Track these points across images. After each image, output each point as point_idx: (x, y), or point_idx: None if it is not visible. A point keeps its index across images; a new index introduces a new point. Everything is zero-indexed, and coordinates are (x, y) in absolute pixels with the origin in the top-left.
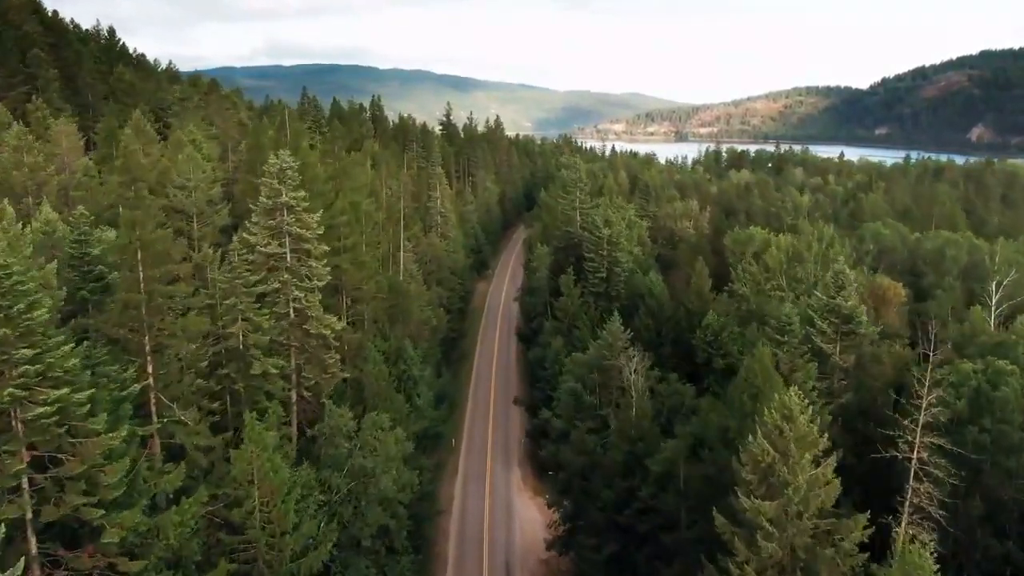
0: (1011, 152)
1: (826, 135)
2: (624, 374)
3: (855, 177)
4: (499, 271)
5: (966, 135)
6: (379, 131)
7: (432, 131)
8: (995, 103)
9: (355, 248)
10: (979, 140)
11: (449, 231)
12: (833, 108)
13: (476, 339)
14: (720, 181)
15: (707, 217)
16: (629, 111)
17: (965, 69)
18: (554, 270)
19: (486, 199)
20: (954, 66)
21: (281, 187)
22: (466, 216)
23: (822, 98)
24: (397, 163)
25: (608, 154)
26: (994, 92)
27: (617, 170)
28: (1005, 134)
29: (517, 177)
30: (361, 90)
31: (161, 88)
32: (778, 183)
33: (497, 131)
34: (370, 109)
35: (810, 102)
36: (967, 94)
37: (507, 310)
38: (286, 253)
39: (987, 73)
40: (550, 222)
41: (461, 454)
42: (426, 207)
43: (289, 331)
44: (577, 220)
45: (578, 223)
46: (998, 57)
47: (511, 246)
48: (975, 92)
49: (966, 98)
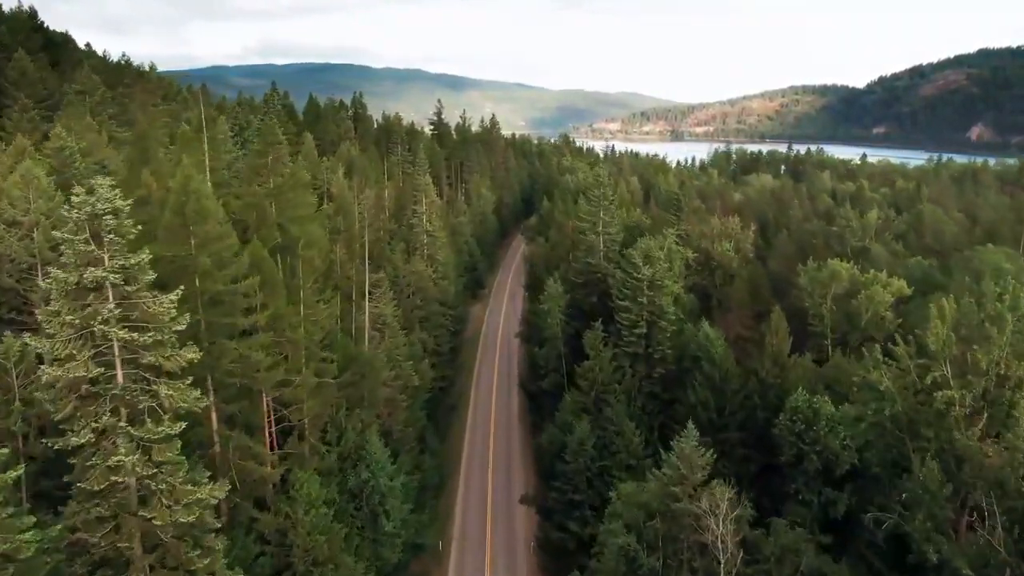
0: (1011, 152)
1: (823, 134)
2: (706, 524)
3: (893, 183)
4: (496, 291)
5: (965, 134)
6: (361, 132)
7: (422, 131)
8: (994, 102)
9: (278, 321)
10: (979, 139)
11: (437, 252)
12: (830, 107)
13: (470, 386)
14: (741, 187)
15: (750, 238)
16: (624, 110)
17: (963, 68)
18: (571, 313)
19: (481, 207)
20: (952, 65)
21: (96, 248)
22: (458, 229)
23: (818, 97)
24: (377, 171)
25: (608, 154)
26: (993, 91)
27: (627, 175)
28: (1005, 133)
29: (515, 181)
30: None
31: (74, 80)
32: (807, 189)
33: (493, 131)
34: (352, 107)
35: (806, 101)
36: (966, 93)
37: (507, 344)
38: (115, 374)
39: (986, 72)
40: (558, 241)
41: (450, 566)
42: (410, 224)
43: (123, 524)
44: (600, 248)
45: (601, 252)
46: (996, 56)
47: (509, 259)
48: (974, 91)
49: (965, 97)
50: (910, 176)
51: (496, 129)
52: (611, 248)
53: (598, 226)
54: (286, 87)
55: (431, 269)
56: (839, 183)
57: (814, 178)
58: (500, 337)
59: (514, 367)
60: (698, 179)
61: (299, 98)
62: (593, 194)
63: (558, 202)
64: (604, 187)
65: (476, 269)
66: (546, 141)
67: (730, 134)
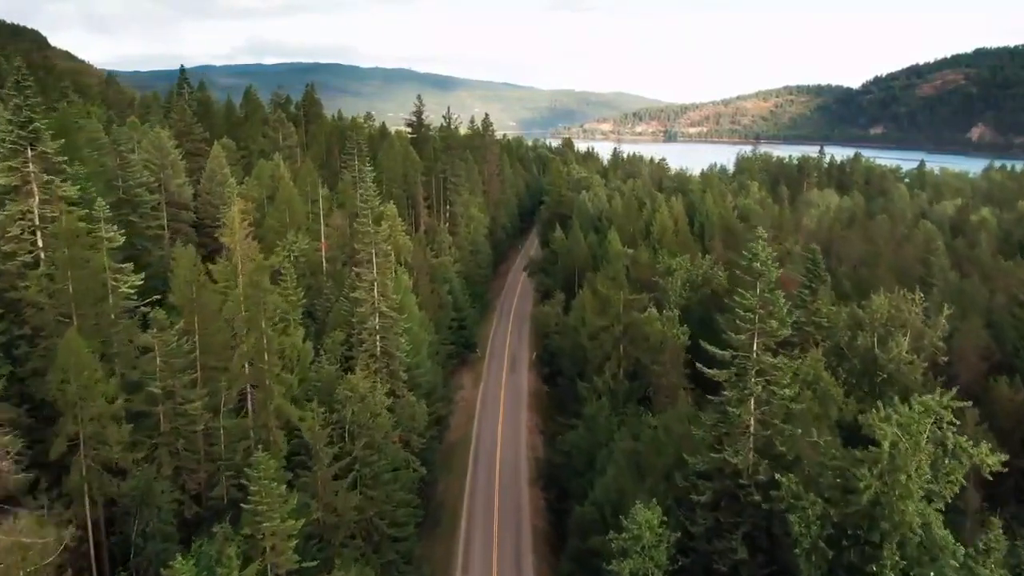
0: (1015, 153)
1: (819, 135)
2: None
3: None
4: (494, 348)
5: (966, 134)
6: (311, 138)
7: (394, 136)
8: (994, 102)
9: None
10: (980, 139)
11: (398, 344)
12: (825, 107)
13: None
14: (800, 209)
15: (941, 325)
16: (614, 111)
17: (960, 67)
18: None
19: (471, 234)
20: (949, 64)
21: None
22: (440, 271)
23: (813, 97)
24: (316, 200)
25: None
26: (992, 91)
27: (665, 196)
28: (1007, 133)
29: (511, 194)
30: (343, 89)
31: None
32: (886, 209)
33: (486, 134)
34: (303, 105)
35: (801, 101)
36: (964, 93)
37: (516, 462)
38: None
39: (984, 71)
40: (602, 330)
41: None
42: (355, 301)
43: None
44: (751, 434)
45: (750, 449)
46: (994, 55)
47: (508, 295)
48: (973, 91)
49: (963, 97)
50: (978, 186)
51: (489, 132)
52: (776, 429)
53: (747, 382)
54: (274, 87)
55: (387, 385)
56: (933, 204)
57: (892, 195)
58: (500, 451)
59: (528, 510)
60: (734, 193)
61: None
62: (740, 325)
63: (577, 233)
64: (758, 316)
65: (464, 326)
66: (542, 143)
67: (724, 135)
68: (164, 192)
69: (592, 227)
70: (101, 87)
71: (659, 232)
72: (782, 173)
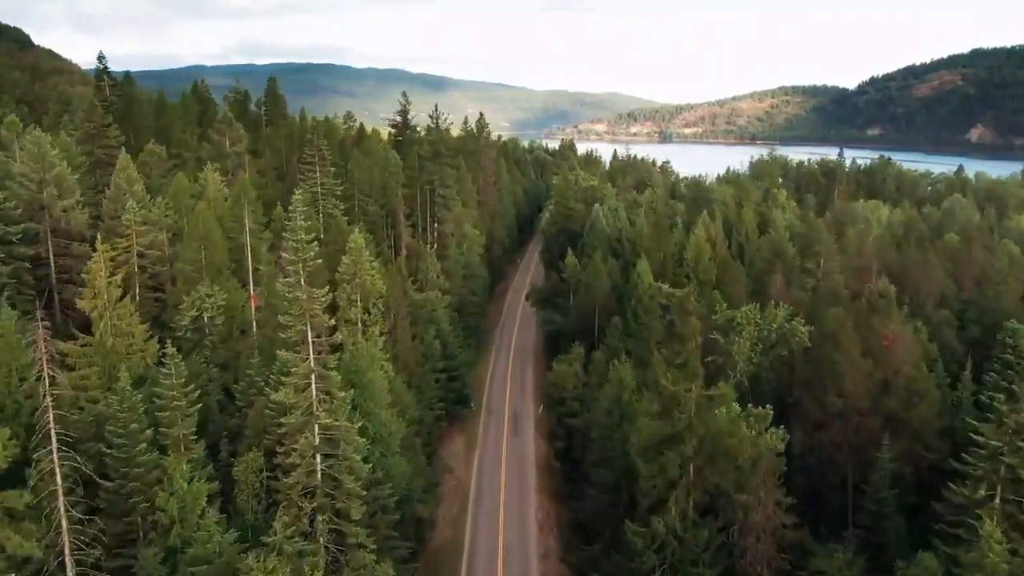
0: (1016, 154)
1: (816, 135)
2: None
3: None
4: (492, 397)
5: (965, 135)
6: (267, 142)
7: (381, 137)
8: (993, 102)
9: None
10: (980, 140)
11: (351, 464)
12: (821, 108)
13: None
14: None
15: None
16: (608, 111)
17: (957, 68)
18: None
19: (464, 256)
20: (945, 65)
21: None
22: (425, 313)
23: (809, 97)
24: (239, 246)
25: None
26: (991, 91)
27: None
28: (1007, 134)
29: (508, 203)
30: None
31: None
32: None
33: (481, 137)
34: (265, 102)
35: (796, 102)
36: (962, 93)
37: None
38: None
39: (981, 72)
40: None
41: None
42: (279, 407)
43: None
44: None
45: None
46: (991, 56)
47: (505, 323)
48: (970, 91)
49: (961, 97)
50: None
51: (485, 134)
52: None
53: None
54: (265, 87)
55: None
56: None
57: (954, 204)
58: (502, 562)
59: None
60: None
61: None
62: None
63: (598, 265)
64: None
65: (455, 377)
66: (539, 144)
67: (719, 135)
68: (49, 218)
69: (610, 250)
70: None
71: (693, 258)
72: (803, 178)
